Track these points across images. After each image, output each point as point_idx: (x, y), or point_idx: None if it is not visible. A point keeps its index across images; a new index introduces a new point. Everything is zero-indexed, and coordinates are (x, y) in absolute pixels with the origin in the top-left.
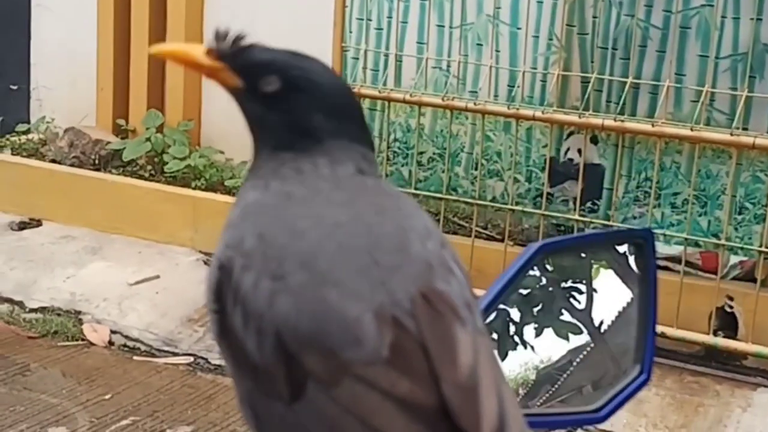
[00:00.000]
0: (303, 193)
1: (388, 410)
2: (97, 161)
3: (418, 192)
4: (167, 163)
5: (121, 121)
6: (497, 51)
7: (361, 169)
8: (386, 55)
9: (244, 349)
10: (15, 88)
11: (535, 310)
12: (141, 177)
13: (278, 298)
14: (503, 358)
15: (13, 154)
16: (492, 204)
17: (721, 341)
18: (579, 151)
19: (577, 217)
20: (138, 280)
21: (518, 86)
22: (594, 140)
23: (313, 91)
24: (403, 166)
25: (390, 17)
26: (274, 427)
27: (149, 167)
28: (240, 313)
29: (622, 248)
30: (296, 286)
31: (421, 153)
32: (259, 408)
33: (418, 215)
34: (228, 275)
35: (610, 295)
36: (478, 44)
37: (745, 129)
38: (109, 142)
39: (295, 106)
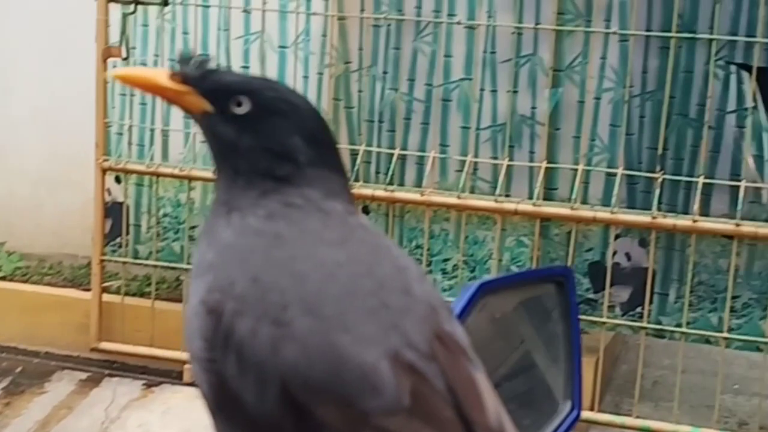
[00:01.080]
0: (292, 232)
1: None
2: None
3: (189, 266)
4: None
5: None
6: None
7: (347, 204)
8: (152, 130)
9: (240, 400)
10: None
11: None
12: None
13: (283, 346)
14: None
15: None
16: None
17: None
18: None
19: None
20: None
21: None
22: (366, 210)
23: (287, 113)
24: (174, 241)
25: None
26: None
27: None
28: (234, 361)
29: (549, 288)
30: (303, 333)
31: (193, 227)
32: None
33: (404, 255)
34: (218, 320)
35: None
36: None
37: (507, 196)
38: None
39: (270, 128)
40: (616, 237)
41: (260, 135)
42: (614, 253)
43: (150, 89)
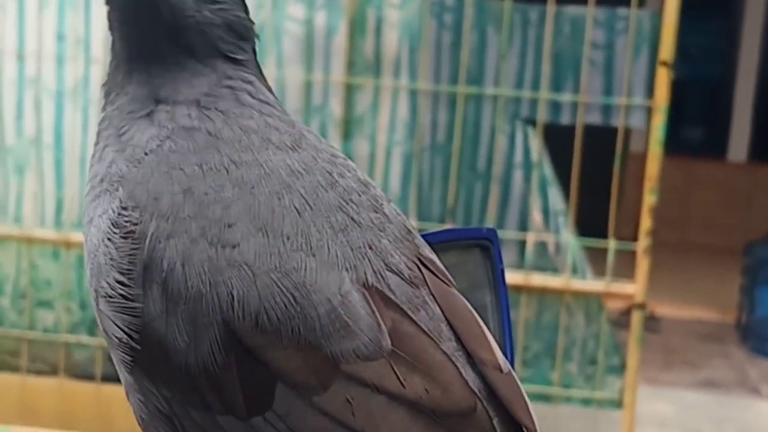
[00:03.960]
0: (231, 130)
1: (400, 418)
2: None
3: None
4: None
5: None
6: (42, 175)
7: (274, 96)
8: None
9: (165, 347)
10: None
11: None
12: None
13: (227, 273)
14: None
15: None
16: (44, 336)
17: None
18: None
19: None
20: None
21: (66, 212)
22: None
23: None
24: None
25: None
26: None
27: None
28: (160, 295)
29: (475, 253)
30: (254, 255)
31: None
32: (189, 428)
33: (356, 168)
34: (137, 246)
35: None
36: (19, 169)
37: None
38: None
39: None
40: None
41: (220, 7)
42: None
43: None
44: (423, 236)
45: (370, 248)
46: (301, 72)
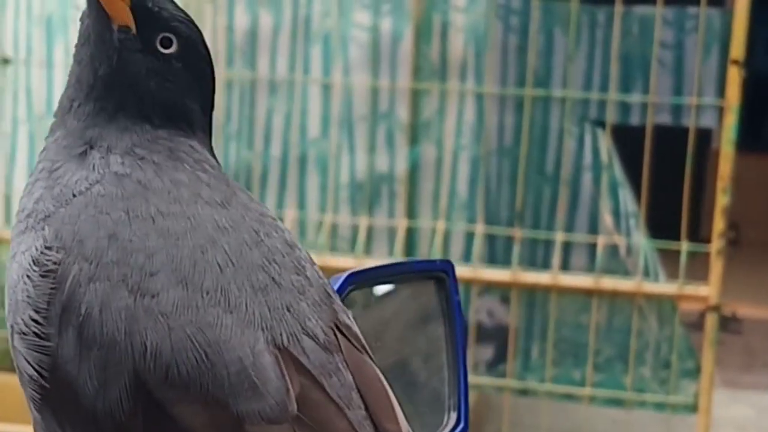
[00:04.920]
0: (162, 182)
1: None
2: None
3: None
4: None
5: None
6: None
7: (217, 162)
8: None
9: (75, 390)
10: None
11: None
12: None
13: (144, 322)
14: None
15: None
16: None
17: None
18: None
19: None
20: None
21: None
22: None
23: (207, 60)
24: None
25: None
26: None
27: None
28: (74, 339)
29: (428, 285)
30: (172, 307)
31: None
32: None
33: (290, 231)
34: (56, 286)
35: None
36: None
37: (368, 254)
38: None
39: (197, 78)
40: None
41: (187, 83)
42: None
43: None
44: (378, 267)
45: (288, 310)
46: (367, 78)
